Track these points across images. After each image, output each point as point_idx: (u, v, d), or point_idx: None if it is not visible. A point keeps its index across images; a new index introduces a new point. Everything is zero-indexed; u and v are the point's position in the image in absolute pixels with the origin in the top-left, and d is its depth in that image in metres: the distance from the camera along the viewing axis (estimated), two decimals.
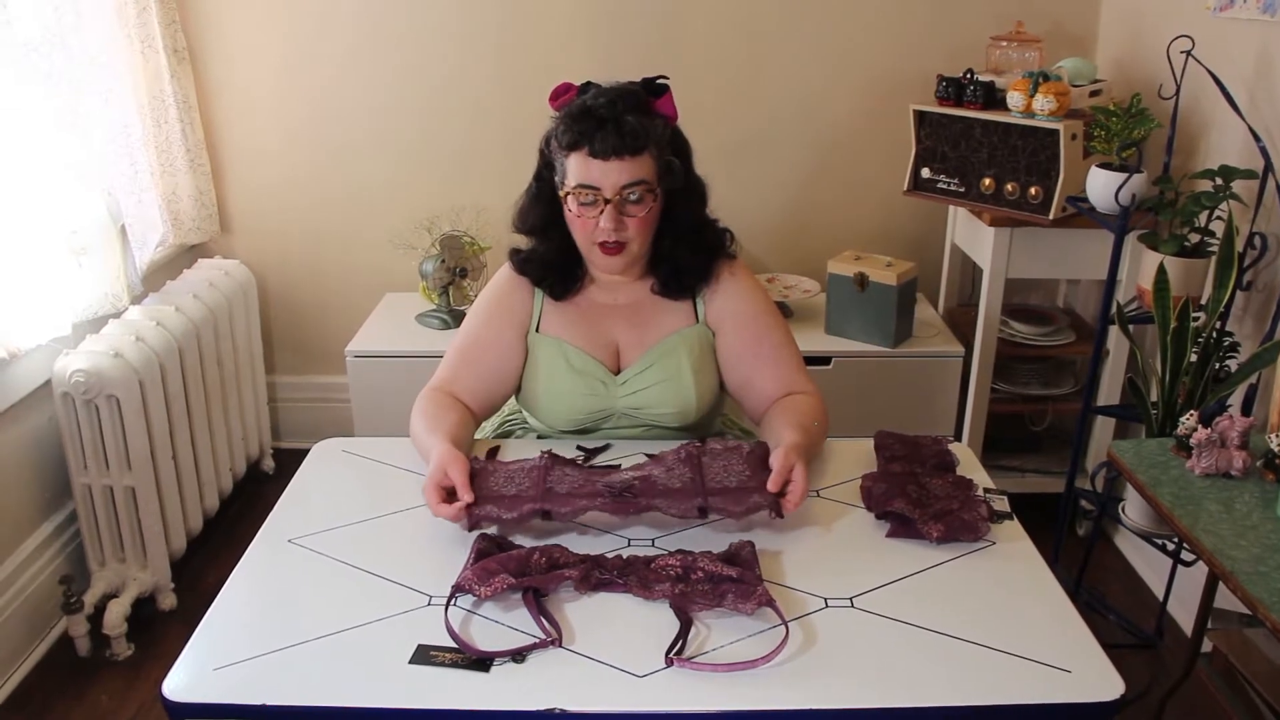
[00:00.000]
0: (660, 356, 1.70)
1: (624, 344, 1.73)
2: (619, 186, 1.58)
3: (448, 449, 1.47)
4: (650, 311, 1.73)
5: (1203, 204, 2.01)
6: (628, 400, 1.70)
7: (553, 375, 1.70)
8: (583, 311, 1.74)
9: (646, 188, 1.60)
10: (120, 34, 2.53)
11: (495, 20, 2.88)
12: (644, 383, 1.69)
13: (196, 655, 1.19)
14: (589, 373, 1.70)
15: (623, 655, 1.17)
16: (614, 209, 1.58)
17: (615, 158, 1.56)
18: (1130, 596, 2.55)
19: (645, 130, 1.57)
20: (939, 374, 2.73)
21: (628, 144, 1.55)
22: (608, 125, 1.55)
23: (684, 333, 1.72)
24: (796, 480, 1.40)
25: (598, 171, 1.57)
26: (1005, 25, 2.72)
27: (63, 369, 2.22)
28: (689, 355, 1.70)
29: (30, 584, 2.28)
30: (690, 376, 1.69)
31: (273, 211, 3.09)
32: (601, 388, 1.70)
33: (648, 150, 1.58)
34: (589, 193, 1.59)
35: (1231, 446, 1.54)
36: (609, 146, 1.55)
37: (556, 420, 1.72)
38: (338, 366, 3.03)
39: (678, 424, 1.72)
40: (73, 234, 2.31)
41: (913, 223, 3.04)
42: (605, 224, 1.59)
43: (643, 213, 1.61)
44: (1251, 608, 1.27)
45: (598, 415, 1.71)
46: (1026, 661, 1.16)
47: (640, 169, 1.58)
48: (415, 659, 1.16)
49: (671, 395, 1.69)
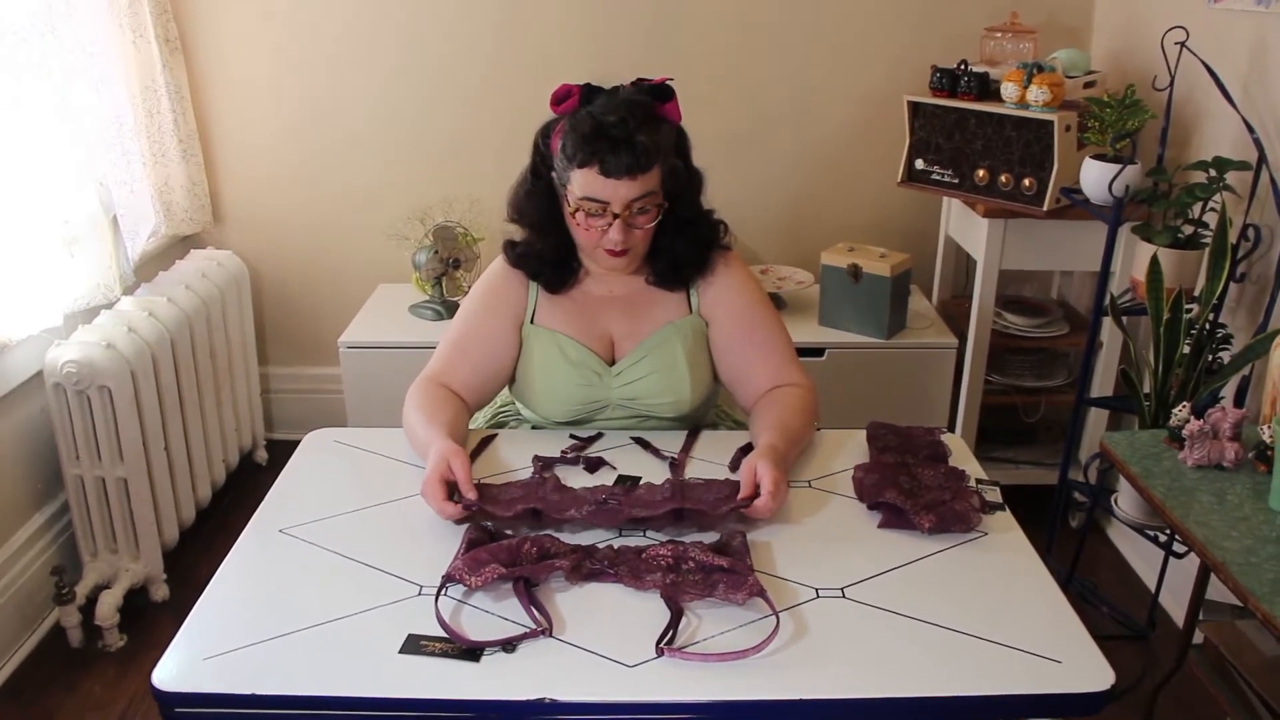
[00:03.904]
0: (655, 347, 1.70)
1: (618, 335, 1.73)
2: (628, 201, 1.57)
3: (449, 444, 1.47)
4: (645, 303, 1.73)
5: (1196, 195, 2.02)
6: (623, 391, 1.70)
7: (548, 367, 1.70)
8: (578, 304, 1.74)
9: (654, 199, 1.60)
10: (112, 23, 2.51)
11: (490, 10, 2.87)
12: (639, 373, 1.69)
13: (187, 645, 1.19)
14: (584, 364, 1.70)
15: (613, 645, 1.17)
16: (622, 222, 1.59)
17: (627, 177, 1.55)
18: (1122, 588, 2.56)
19: (655, 146, 1.56)
20: (932, 366, 2.73)
21: (640, 163, 1.55)
22: (621, 146, 1.53)
23: (678, 324, 1.72)
24: (765, 487, 1.40)
25: (608, 189, 1.56)
26: (1000, 16, 2.72)
27: (54, 360, 2.21)
28: (683, 346, 1.70)
29: (22, 575, 2.28)
30: (685, 367, 1.69)
31: (265, 202, 3.07)
32: (596, 379, 1.70)
33: (657, 164, 1.58)
34: (597, 205, 1.58)
35: (1224, 438, 1.54)
36: (621, 166, 1.54)
37: (552, 411, 1.72)
38: (330, 357, 3.02)
39: (673, 414, 1.72)
40: (64, 224, 2.30)
41: (906, 214, 3.04)
42: (614, 236, 1.59)
43: (650, 223, 1.62)
44: (1243, 599, 1.27)
45: (593, 406, 1.71)
46: (1017, 652, 1.16)
47: (649, 183, 1.58)
48: (405, 648, 1.16)
49: (666, 385, 1.69)
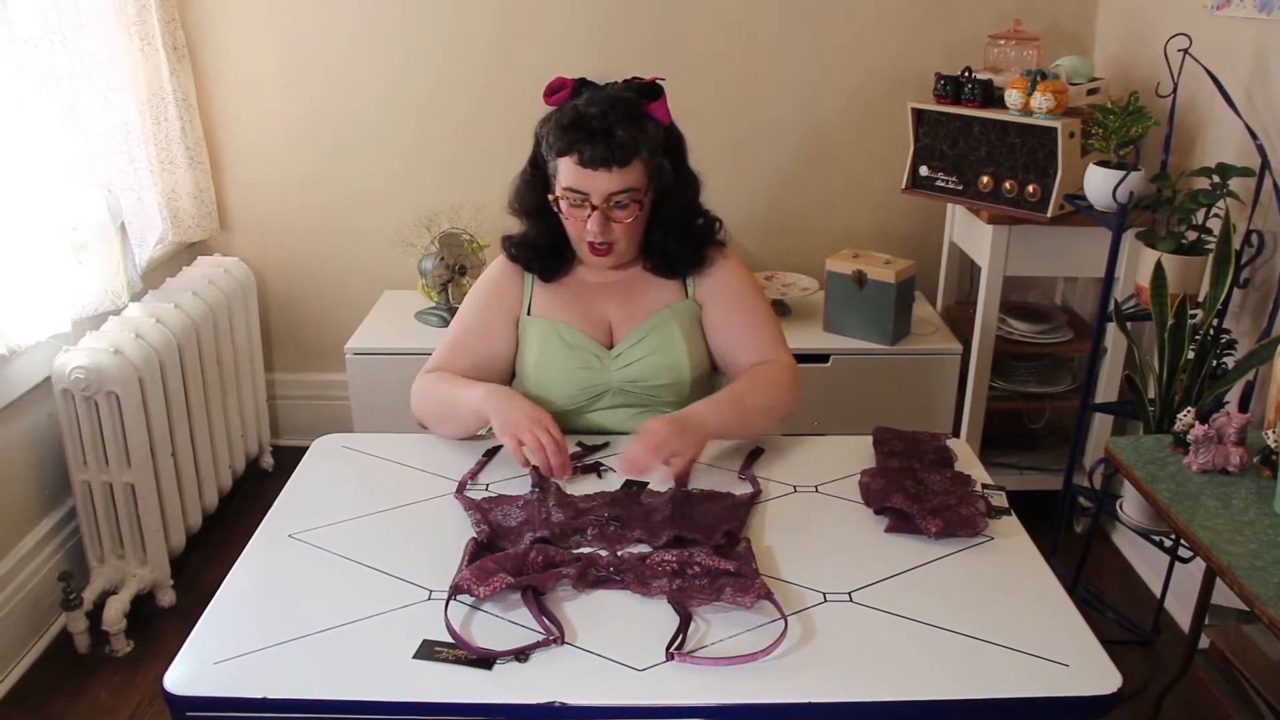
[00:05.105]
0: (653, 328, 1.72)
1: (616, 320, 1.75)
2: (607, 194, 1.61)
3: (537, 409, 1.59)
4: (641, 288, 1.76)
5: (1200, 201, 2.02)
6: (622, 374, 1.72)
7: (546, 352, 1.72)
8: (574, 291, 1.77)
9: (633, 195, 1.62)
10: (120, 31, 2.53)
11: (495, 18, 2.88)
12: (638, 354, 1.72)
13: (198, 649, 1.19)
14: (583, 347, 1.72)
15: (623, 650, 1.18)
16: (600, 214, 1.62)
17: (604, 168, 1.58)
18: (1128, 593, 2.56)
19: (635, 141, 1.59)
20: (937, 372, 2.73)
21: (617, 156, 1.57)
22: (597, 137, 1.57)
23: (674, 307, 1.74)
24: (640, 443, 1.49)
25: (586, 179, 1.60)
26: (1003, 23, 2.73)
27: (62, 366, 2.22)
28: (680, 327, 1.73)
29: (29, 580, 2.28)
30: (683, 346, 1.72)
31: (272, 209, 3.09)
32: (596, 361, 1.72)
33: (637, 159, 1.60)
34: (577, 196, 1.62)
35: (1229, 443, 1.55)
36: (598, 157, 1.57)
37: (553, 396, 1.73)
38: (337, 364, 3.03)
39: (672, 398, 1.73)
40: (73, 231, 2.31)
41: (911, 221, 3.05)
42: (593, 227, 1.62)
43: (629, 218, 1.64)
44: (1249, 603, 1.27)
45: (593, 390, 1.73)
46: (1024, 655, 1.17)
47: (628, 178, 1.60)
48: (420, 654, 1.17)
49: (665, 366, 1.71)
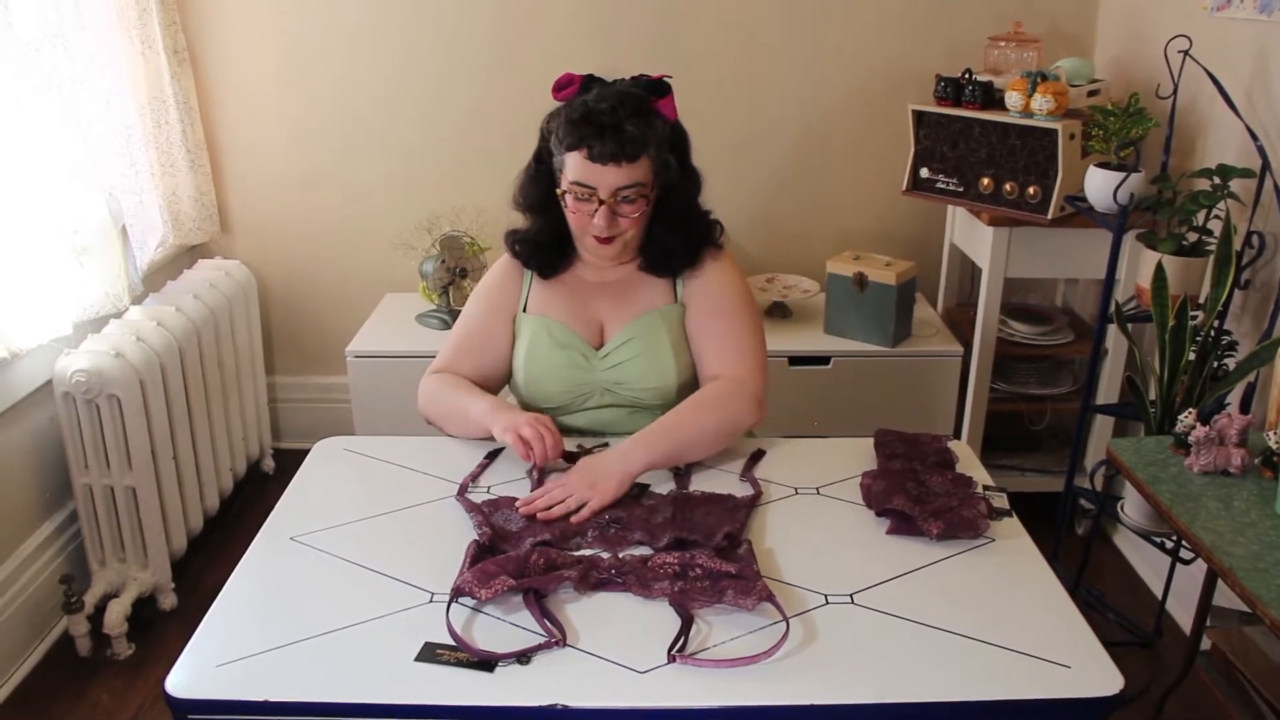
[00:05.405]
0: (640, 330, 1.73)
1: (607, 320, 1.76)
2: (614, 189, 1.61)
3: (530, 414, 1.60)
4: (634, 288, 1.76)
5: (1200, 203, 2.02)
6: (609, 375, 1.72)
7: (535, 349, 1.73)
8: (570, 289, 1.77)
9: (640, 190, 1.63)
10: (121, 34, 2.53)
11: (496, 20, 2.89)
12: (624, 356, 1.72)
13: (199, 652, 1.19)
14: (571, 346, 1.73)
15: (624, 652, 1.17)
16: (607, 209, 1.62)
17: (613, 163, 1.59)
18: (1129, 595, 2.56)
19: (644, 137, 1.60)
20: (938, 373, 2.73)
21: (626, 151, 1.58)
22: (607, 132, 1.58)
23: (663, 310, 1.75)
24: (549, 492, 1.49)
25: (595, 174, 1.60)
26: (1003, 25, 2.73)
27: (64, 369, 2.22)
28: (668, 331, 1.73)
29: (31, 583, 2.28)
30: (669, 350, 1.72)
31: (273, 212, 3.09)
32: (583, 361, 1.72)
33: (645, 154, 1.61)
34: (585, 190, 1.62)
35: (1230, 444, 1.55)
36: (607, 152, 1.58)
37: (540, 395, 1.74)
38: (338, 367, 3.03)
39: (659, 401, 1.73)
40: (74, 234, 2.31)
41: (912, 222, 3.05)
42: (599, 221, 1.63)
43: (636, 213, 1.65)
44: (1250, 604, 1.27)
45: (581, 389, 1.73)
46: (1026, 657, 1.17)
47: (636, 173, 1.61)
48: (421, 656, 1.17)
49: (651, 369, 1.71)
